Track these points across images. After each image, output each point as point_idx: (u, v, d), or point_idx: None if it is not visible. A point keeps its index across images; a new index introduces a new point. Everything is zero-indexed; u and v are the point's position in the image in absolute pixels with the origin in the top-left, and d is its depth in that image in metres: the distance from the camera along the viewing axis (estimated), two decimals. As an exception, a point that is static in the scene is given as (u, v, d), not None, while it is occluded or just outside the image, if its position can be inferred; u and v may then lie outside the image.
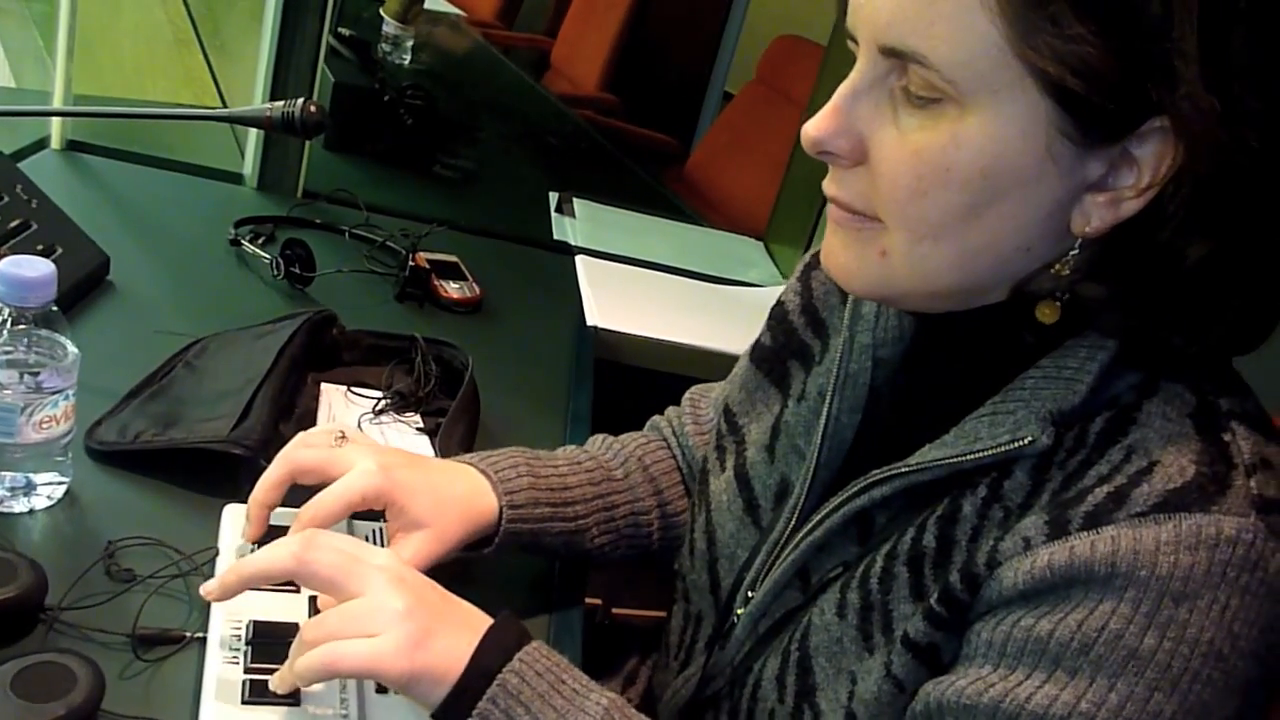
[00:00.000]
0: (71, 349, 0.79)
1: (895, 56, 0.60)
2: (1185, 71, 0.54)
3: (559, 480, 0.88)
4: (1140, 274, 0.60)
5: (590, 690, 0.66)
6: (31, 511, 0.81)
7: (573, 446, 0.96)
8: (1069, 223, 0.61)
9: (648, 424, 1.04)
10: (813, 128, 0.63)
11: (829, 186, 0.66)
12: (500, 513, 0.82)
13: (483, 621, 0.67)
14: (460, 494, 0.82)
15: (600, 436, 0.98)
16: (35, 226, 1.12)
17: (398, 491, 0.78)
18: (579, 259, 1.67)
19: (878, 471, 0.69)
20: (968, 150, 0.59)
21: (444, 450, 1.00)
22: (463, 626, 0.67)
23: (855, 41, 0.63)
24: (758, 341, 0.90)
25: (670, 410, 1.04)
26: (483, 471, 0.84)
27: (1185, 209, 0.57)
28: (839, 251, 0.67)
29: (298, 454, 0.80)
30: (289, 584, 0.74)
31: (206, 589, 0.70)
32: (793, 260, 1.87)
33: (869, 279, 0.66)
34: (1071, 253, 0.61)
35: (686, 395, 1.04)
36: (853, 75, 0.63)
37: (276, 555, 0.68)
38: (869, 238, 0.65)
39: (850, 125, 0.63)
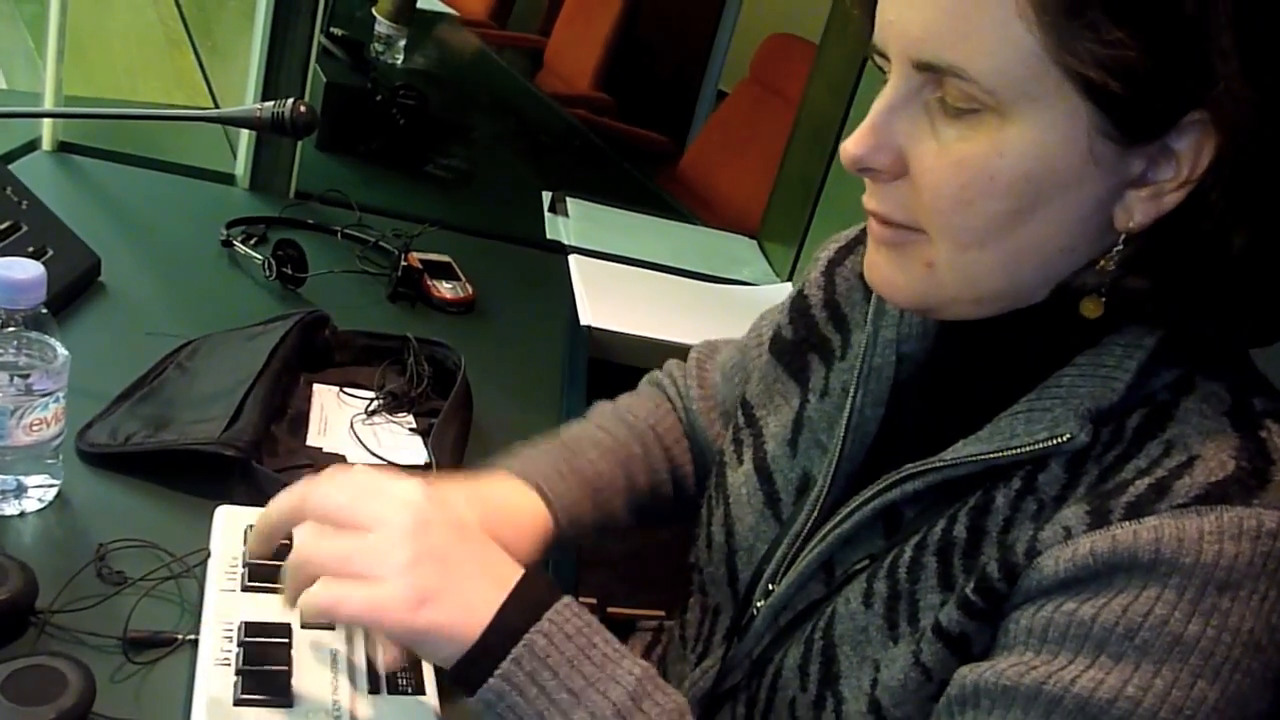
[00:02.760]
0: (62, 351, 0.79)
1: (930, 70, 0.60)
2: (1223, 66, 0.55)
3: (599, 479, 0.89)
4: (1184, 265, 0.61)
5: (622, 657, 0.65)
6: (22, 514, 0.81)
7: (586, 424, 0.95)
8: (1112, 219, 0.61)
9: (647, 380, 1.04)
10: (852, 145, 0.63)
11: (869, 201, 0.66)
12: (557, 529, 0.83)
13: (512, 573, 0.65)
14: (520, 518, 0.82)
15: (607, 407, 0.98)
16: (26, 228, 1.12)
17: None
18: (572, 258, 1.67)
19: (911, 466, 0.69)
20: (1010, 158, 0.59)
21: (436, 450, 1.00)
22: (485, 580, 0.65)
23: (885, 58, 0.63)
24: (777, 333, 0.90)
25: (672, 365, 1.04)
26: (543, 496, 0.84)
27: (1227, 199, 0.58)
28: (882, 266, 0.68)
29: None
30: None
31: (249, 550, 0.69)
32: (786, 258, 1.88)
33: (915, 291, 0.67)
34: (1115, 248, 0.62)
35: (692, 355, 1.03)
36: (886, 91, 0.63)
37: (282, 495, 0.67)
38: (913, 251, 0.65)
39: (889, 141, 0.63)
